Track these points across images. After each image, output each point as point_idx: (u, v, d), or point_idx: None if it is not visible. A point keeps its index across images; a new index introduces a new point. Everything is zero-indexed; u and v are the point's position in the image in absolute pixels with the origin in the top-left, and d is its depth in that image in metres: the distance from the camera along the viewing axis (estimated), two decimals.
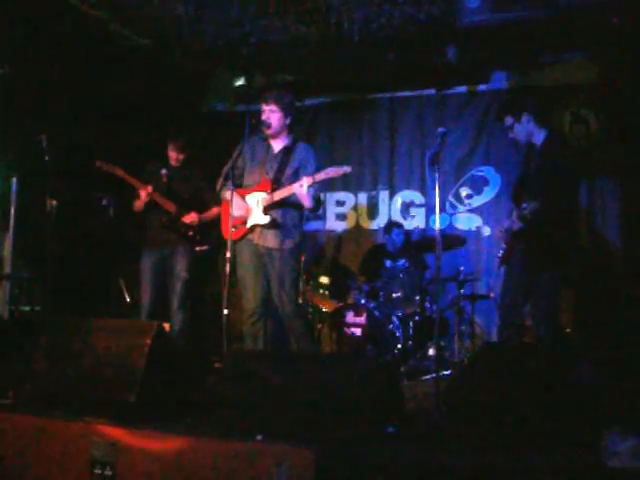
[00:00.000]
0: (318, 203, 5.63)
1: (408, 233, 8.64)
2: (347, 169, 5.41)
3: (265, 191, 5.54)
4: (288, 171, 5.61)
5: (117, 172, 6.37)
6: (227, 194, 5.59)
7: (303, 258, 6.89)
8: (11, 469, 3.93)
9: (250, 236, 5.59)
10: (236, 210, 5.53)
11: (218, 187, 5.80)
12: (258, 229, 5.56)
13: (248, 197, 5.61)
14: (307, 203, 5.42)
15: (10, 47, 6.99)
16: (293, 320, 5.54)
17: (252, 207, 5.56)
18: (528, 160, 5.65)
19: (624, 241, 8.14)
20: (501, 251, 5.64)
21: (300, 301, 5.78)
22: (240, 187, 5.68)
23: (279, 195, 5.47)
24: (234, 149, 5.68)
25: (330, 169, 5.41)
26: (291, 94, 5.86)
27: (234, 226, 5.56)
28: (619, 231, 8.20)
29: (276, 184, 5.55)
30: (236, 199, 5.55)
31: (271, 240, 5.53)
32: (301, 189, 5.31)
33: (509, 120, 5.50)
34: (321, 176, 5.38)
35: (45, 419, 3.99)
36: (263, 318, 5.59)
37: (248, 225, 5.57)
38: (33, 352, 4.47)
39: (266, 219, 5.49)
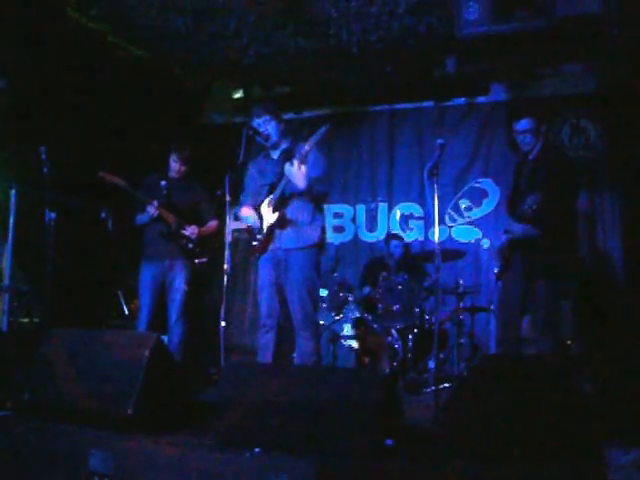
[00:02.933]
0: (319, 187, 5.44)
1: (407, 246, 8.63)
2: (324, 128, 5.22)
3: (272, 192, 5.52)
4: None
5: (119, 184, 6.35)
6: (241, 212, 5.61)
7: None
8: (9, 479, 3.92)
9: (272, 246, 5.50)
10: (247, 219, 5.55)
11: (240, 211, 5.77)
12: (277, 234, 5.47)
13: (262, 206, 5.58)
14: (300, 183, 5.23)
15: (9, 60, 6.99)
16: (302, 331, 5.42)
17: (263, 212, 5.53)
18: (519, 172, 5.64)
19: (624, 252, 8.13)
20: (496, 269, 5.62)
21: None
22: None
23: (280, 187, 5.39)
24: (232, 162, 5.67)
25: (311, 138, 5.24)
26: (272, 101, 5.86)
27: (255, 240, 5.56)
28: (619, 242, 8.19)
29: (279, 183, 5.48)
30: (246, 210, 5.58)
31: (287, 240, 5.43)
32: (291, 169, 5.20)
33: (526, 124, 5.45)
34: (306, 149, 5.23)
35: (43, 430, 3.99)
36: (274, 330, 5.53)
37: (264, 231, 5.50)
38: (32, 364, 4.46)
39: (275, 216, 5.41)
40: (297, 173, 5.20)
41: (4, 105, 6.94)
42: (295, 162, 5.19)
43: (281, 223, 5.44)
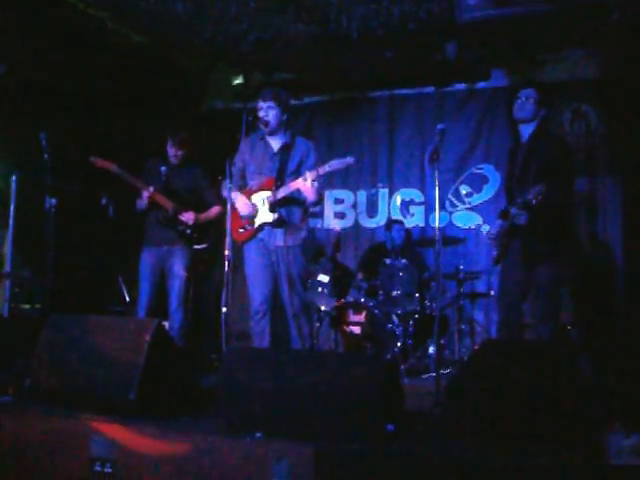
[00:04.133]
0: (321, 199, 5.67)
1: (409, 230, 8.63)
2: (350, 160, 5.40)
3: (269, 189, 5.55)
4: (290, 168, 5.62)
5: (111, 168, 6.35)
6: (232, 196, 5.63)
7: None
8: (11, 465, 3.93)
9: (260, 235, 5.63)
10: (243, 210, 5.59)
11: (223, 190, 5.80)
12: (267, 228, 5.60)
13: (254, 197, 5.65)
14: (312, 197, 5.43)
15: (8, 45, 6.97)
16: (299, 317, 5.60)
17: (258, 206, 5.59)
18: (513, 157, 5.61)
19: (625, 237, 8.12)
20: (494, 253, 5.61)
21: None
22: (244, 188, 5.73)
23: (284, 192, 5.50)
24: (232, 147, 5.68)
25: (333, 162, 5.41)
26: (287, 91, 5.87)
27: (242, 227, 5.62)
28: (620, 227, 8.18)
29: (279, 182, 5.57)
30: (242, 200, 5.61)
31: (280, 238, 5.57)
32: (305, 184, 5.33)
33: (533, 93, 5.43)
34: (325, 169, 5.39)
35: (45, 415, 4.00)
36: (268, 316, 5.59)
37: (257, 224, 5.62)
38: (33, 350, 4.47)
39: (273, 217, 5.53)
40: (310, 189, 5.36)
41: (4, 91, 6.93)
42: (309, 177, 5.32)
43: (277, 224, 5.57)
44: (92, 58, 7.62)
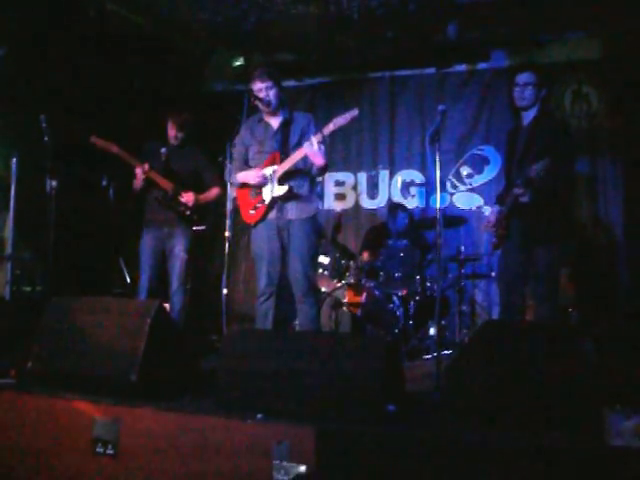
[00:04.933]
0: (326, 166, 5.52)
1: (412, 215, 8.62)
2: (355, 112, 5.30)
3: (275, 163, 5.47)
4: (292, 141, 5.52)
5: (112, 149, 6.34)
6: (237, 176, 5.59)
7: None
8: (14, 447, 3.95)
9: (270, 214, 5.51)
10: (254, 179, 5.49)
11: (227, 175, 5.76)
12: (277, 204, 5.49)
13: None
14: (320, 161, 5.32)
15: (8, 28, 6.95)
16: (307, 298, 5.47)
17: (267, 181, 5.52)
18: (513, 140, 5.60)
19: (626, 218, 8.13)
20: (493, 239, 5.61)
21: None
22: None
23: (290, 162, 5.39)
24: (233, 129, 5.66)
25: (337, 119, 5.29)
26: (275, 67, 5.82)
27: (254, 208, 5.55)
28: (620, 209, 8.19)
29: (284, 155, 5.46)
30: (252, 172, 5.53)
31: (291, 211, 5.47)
32: (312, 147, 5.23)
33: (531, 78, 5.41)
34: (329, 128, 5.27)
35: (47, 398, 4.01)
36: (273, 298, 5.55)
37: (267, 201, 5.48)
38: (35, 332, 4.48)
39: (283, 189, 5.40)
40: (317, 152, 5.26)
41: (3, 73, 6.91)
42: (314, 140, 5.22)
43: (287, 196, 5.45)
44: (92, 40, 7.60)
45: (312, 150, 5.24)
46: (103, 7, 7.62)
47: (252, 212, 5.56)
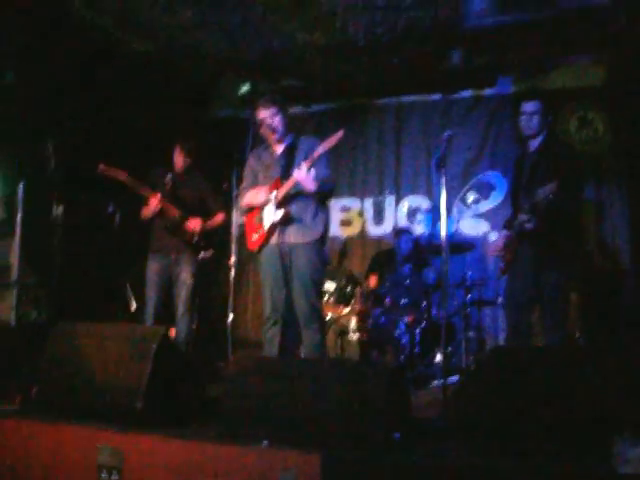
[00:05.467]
0: (327, 186, 5.45)
1: (417, 240, 8.60)
2: (340, 134, 5.21)
3: (276, 189, 5.45)
4: (296, 165, 5.49)
5: (120, 177, 6.34)
6: (243, 201, 5.59)
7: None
8: (18, 474, 3.93)
9: (272, 239, 5.45)
10: (257, 199, 5.47)
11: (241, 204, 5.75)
12: (278, 229, 5.42)
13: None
14: (309, 186, 5.21)
15: (15, 54, 7.00)
16: (309, 323, 5.37)
17: (266, 209, 5.46)
18: (520, 166, 5.60)
19: (633, 244, 8.11)
20: (501, 264, 5.60)
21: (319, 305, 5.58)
22: None
23: (286, 187, 5.33)
24: (239, 156, 5.66)
25: (325, 142, 5.26)
26: (279, 94, 5.79)
27: (256, 232, 5.52)
28: (627, 235, 8.17)
29: (285, 180, 5.40)
30: (254, 190, 5.51)
31: (292, 235, 5.39)
32: (300, 172, 5.16)
33: (537, 106, 5.41)
34: (318, 152, 5.22)
35: (52, 425, 4.00)
36: (279, 323, 5.49)
37: (266, 227, 5.44)
38: (40, 358, 4.47)
39: (279, 214, 5.34)
40: (306, 177, 5.18)
41: (11, 100, 6.95)
42: (303, 166, 5.17)
43: (285, 221, 5.39)
44: (98, 66, 7.64)
45: (301, 175, 5.18)
46: (110, 34, 7.67)
47: (255, 237, 5.52)
